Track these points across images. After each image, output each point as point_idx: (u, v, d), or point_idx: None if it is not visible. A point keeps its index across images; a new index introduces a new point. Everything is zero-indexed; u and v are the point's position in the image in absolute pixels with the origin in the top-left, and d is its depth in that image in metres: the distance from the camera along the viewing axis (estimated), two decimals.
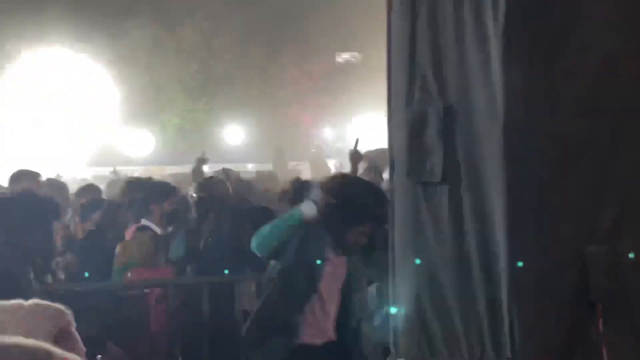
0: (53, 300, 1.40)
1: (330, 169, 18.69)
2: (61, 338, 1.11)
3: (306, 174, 17.29)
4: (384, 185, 7.26)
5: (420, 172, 3.58)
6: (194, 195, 7.59)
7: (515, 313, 3.27)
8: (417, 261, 5.04)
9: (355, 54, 29.09)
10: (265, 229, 5.19)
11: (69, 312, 1.25)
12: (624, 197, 3.38)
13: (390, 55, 3.80)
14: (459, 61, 3.46)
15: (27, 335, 0.97)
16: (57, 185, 8.35)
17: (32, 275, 3.37)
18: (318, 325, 5.19)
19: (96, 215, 6.84)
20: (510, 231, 3.27)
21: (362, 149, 8.16)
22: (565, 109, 3.31)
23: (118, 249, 6.11)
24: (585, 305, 3.34)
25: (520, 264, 3.26)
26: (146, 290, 5.92)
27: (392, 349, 3.81)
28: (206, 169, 10.90)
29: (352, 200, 5.25)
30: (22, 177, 7.35)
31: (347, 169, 16.13)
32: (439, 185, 3.53)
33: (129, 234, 6.38)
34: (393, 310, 5.42)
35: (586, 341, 3.35)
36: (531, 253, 3.31)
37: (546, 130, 3.30)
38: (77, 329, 1.39)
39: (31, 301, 1.27)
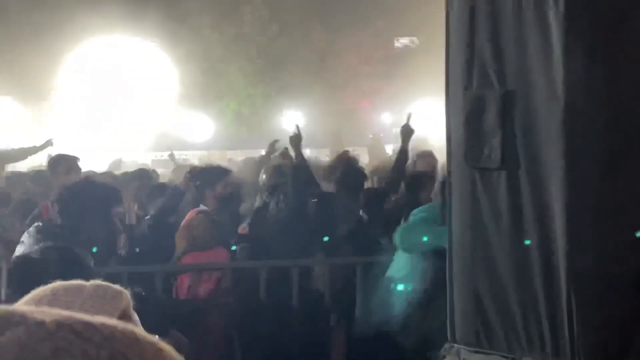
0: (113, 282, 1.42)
1: (387, 155, 18.62)
2: (122, 319, 1.12)
3: (364, 160, 17.24)
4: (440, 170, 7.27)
5: (478, 157, 3.56)
6: (266, 181, 7.52)
7: (574, 301, 3.24)
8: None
9: (414, 38, 28.94)
10: (417, 233, 5.37)
11: (128, 293, 1.26)
12: None
13: (449, 40, 3.78)
14: (518, 46, 3.43)
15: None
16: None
17: (92, 261, 3.44)
18: None
19: (159, 202, 6.84)
20: (570, 217, 3.24)
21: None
22: (626, 94, 3.26)
23: (178, 234, 6.12)
24: None
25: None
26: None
27: (449, 336, 3.81)
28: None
29: None
30: (61, 161, 7.42)
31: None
32: (496, 171, 3.51)
33: (187, 218, 6.44)
34: (400, 286, 5.54)
35: None
36: (591, 239, 3.28)
37: (606, 116, 3.26)
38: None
39: (92, 282, 1.28)
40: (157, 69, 28.15)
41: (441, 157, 8.12)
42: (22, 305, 1.03)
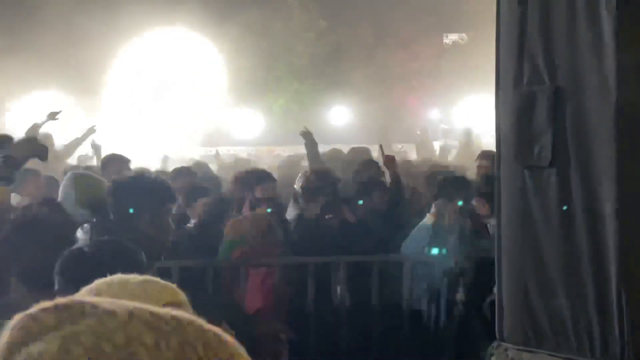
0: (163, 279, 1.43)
1: (435, 151, 18.54)
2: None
3: (412, 156, 17.21)
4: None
5: (528, 155, 3.54)
6: (305, 185, 7.46)
7: (625, 301, 3.20)
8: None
9: (463, 35, 28.78)
10: None
11: (180, 292, 1.28)
12: None
13: (500, 37, 3.76)
14: (569, 42, 3.39)
15: None
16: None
17: (144, 256, 3.47)
18: None
19: (201, 202, 6.74)
20: (621, 216, 3.20)
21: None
22: None
23: (228, 225, 6.07)
24: None
25: None
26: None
27: (497, 335, 3.79)
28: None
29: None
30: (113, 161, 7.51)
31: (452, 151, 15.98)
32: (547, 169, 3.48)
33: (244, 214, 6.45)
34: (434, 250, 5.80)
35: None
36: None
37: None
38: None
39: (139, 277, 1.31)
40: (206, 65, 28.31)
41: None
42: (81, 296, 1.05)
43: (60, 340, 0.87)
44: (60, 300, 0.92)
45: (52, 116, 9.98)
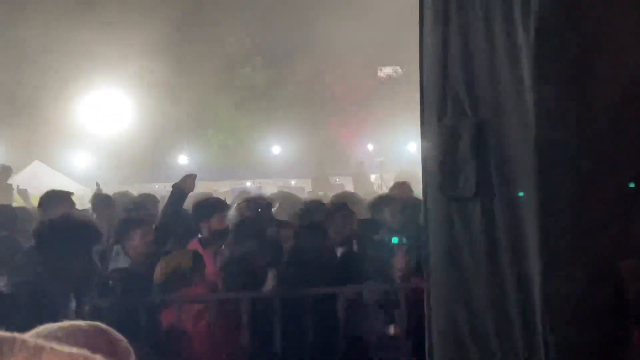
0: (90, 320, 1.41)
1: (372, 184, 18.64)
2: None
3: (349, 189, 17.28)
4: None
5: (453, 186, 3.58)
6: (237, 215, 7.43)
7: (550, 329, 3.24)
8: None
9: (397, 68, 29.08)
10: None
11: (125, 341, 1.27)
12: None
13: (423, 71, 3.81)
14: (491, 77, 3.45)
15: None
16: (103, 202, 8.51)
17: (73, 301, 3.41)
18: None
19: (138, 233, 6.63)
20: (544, 245, 3.25)
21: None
22: (597, 123, 3.28)
23: (160, 264, 6.04)
24: (622, 320, 3.30)
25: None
26: None
27: None
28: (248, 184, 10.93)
29: None
30: (54, 199, 7.15)
31: (388, 183, 16.09)
32: (471, 200, 3.52)
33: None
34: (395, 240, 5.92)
35: (624, 357, 3.30)
36: (565, 267, 3.28)
37: (578, 144, 3.27)
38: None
39: (87, 323, 1.31)
40: (143, 99, 28.22)
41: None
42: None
43: None
44: None
45: None
